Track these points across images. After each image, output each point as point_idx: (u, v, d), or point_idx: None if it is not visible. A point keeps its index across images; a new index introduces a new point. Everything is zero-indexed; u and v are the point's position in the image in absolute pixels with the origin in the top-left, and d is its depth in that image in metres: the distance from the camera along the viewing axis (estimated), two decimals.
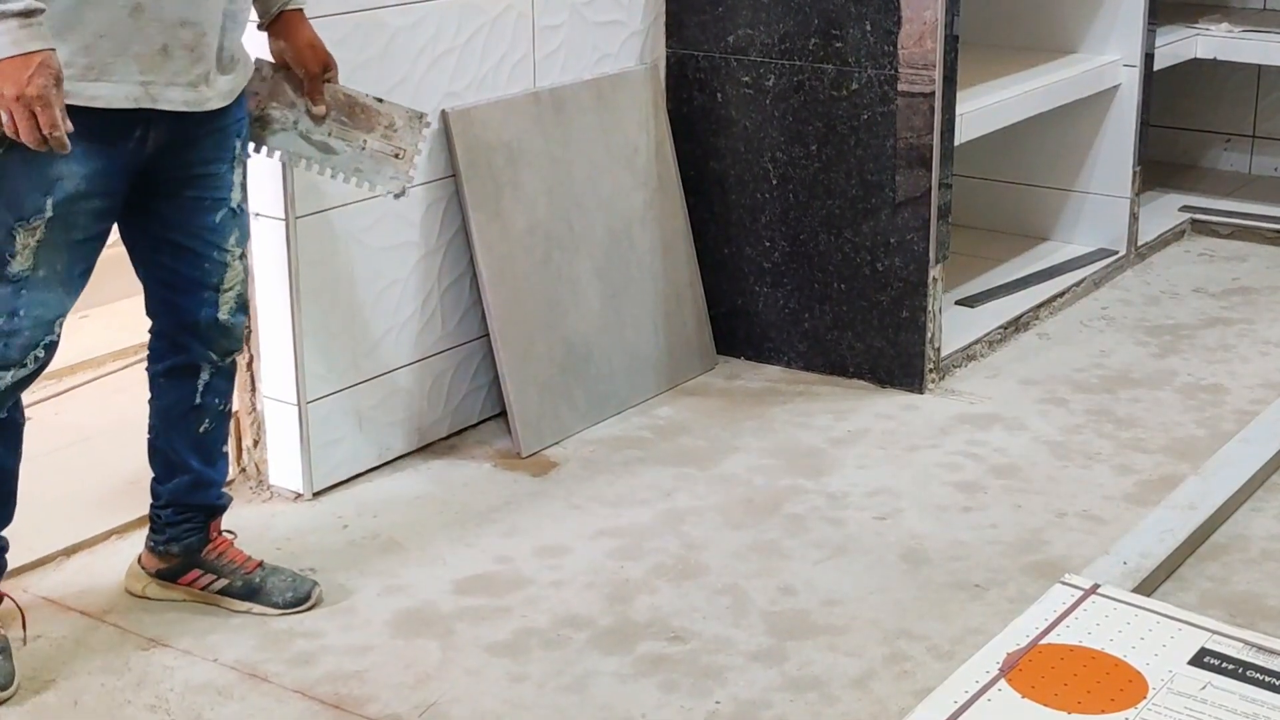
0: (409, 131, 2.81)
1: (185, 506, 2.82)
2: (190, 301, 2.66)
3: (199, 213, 2.62)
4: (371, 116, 2.79)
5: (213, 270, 2.65)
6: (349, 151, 2.79)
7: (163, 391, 2.77)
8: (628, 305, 3.70)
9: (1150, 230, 4.84)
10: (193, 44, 2.47)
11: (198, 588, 2.83)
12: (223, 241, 2.65)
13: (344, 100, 2.78)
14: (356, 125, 2.79)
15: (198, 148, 2.57)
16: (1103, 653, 2.43)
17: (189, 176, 2.59)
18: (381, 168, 2.81)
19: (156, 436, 2.80)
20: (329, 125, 2.77)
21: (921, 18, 3.58)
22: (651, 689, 2.58)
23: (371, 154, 2.80)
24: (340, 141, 2.78)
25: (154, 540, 2.84)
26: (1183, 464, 3.39)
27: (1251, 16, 5.19)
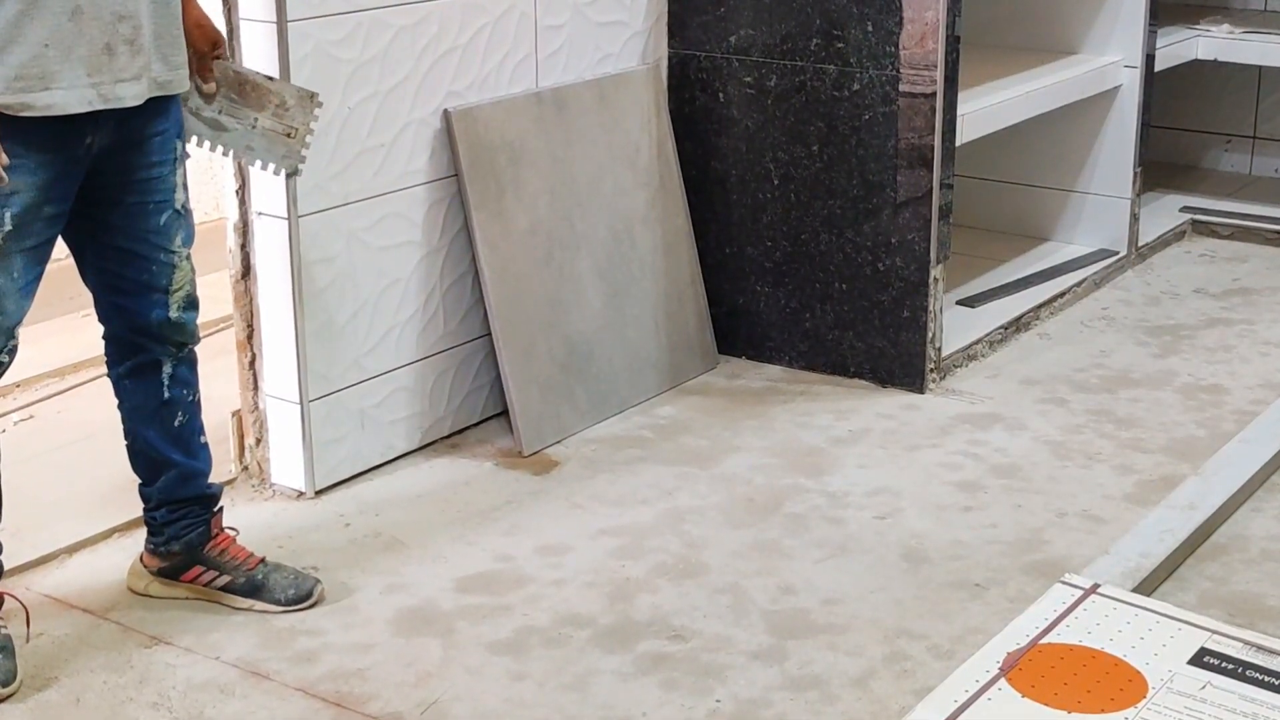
0: (300, 111, 2.81)
1: (178, 502, 2.82)
2: (140, 304, 2.67)
3: (144, 216, 2.62)
4: (263, 95, 2.79)
5: (160, 273, 2.66)
6: (239, 129, 2.79)
7: (129, 392, 2.78)
8: (629, 304, 3.71)
9: (1151, 231, 4.84)
10: (132, 37, 2.47)
11: (200, 584, 2.83)
12: (168, 244, 2.65)
13: (234, 78, 2.77)
14: (247, 103, 2.78)
15: (141, 151, 2.57)
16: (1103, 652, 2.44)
17: (132, 181, 2.59)
18: (273, 146, 2.82)
19: (134, 439, 2.80)
20: (219, 103, 2.77)
21: (923, 18, 3.58)
22: (652, 688, 2.59)
23: (263, 132, 2.80)
24: (230, 119, 2.78)
25: (153, 543, 2.85)
26: (1183, 464, 3.39)
27: (1252, 18, 5.20)
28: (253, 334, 3.21)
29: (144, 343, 2.72)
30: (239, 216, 3.16)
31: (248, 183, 3.13)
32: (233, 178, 3.13)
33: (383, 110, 3.23)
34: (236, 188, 3.14)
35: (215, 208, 4.37)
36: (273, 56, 3.02)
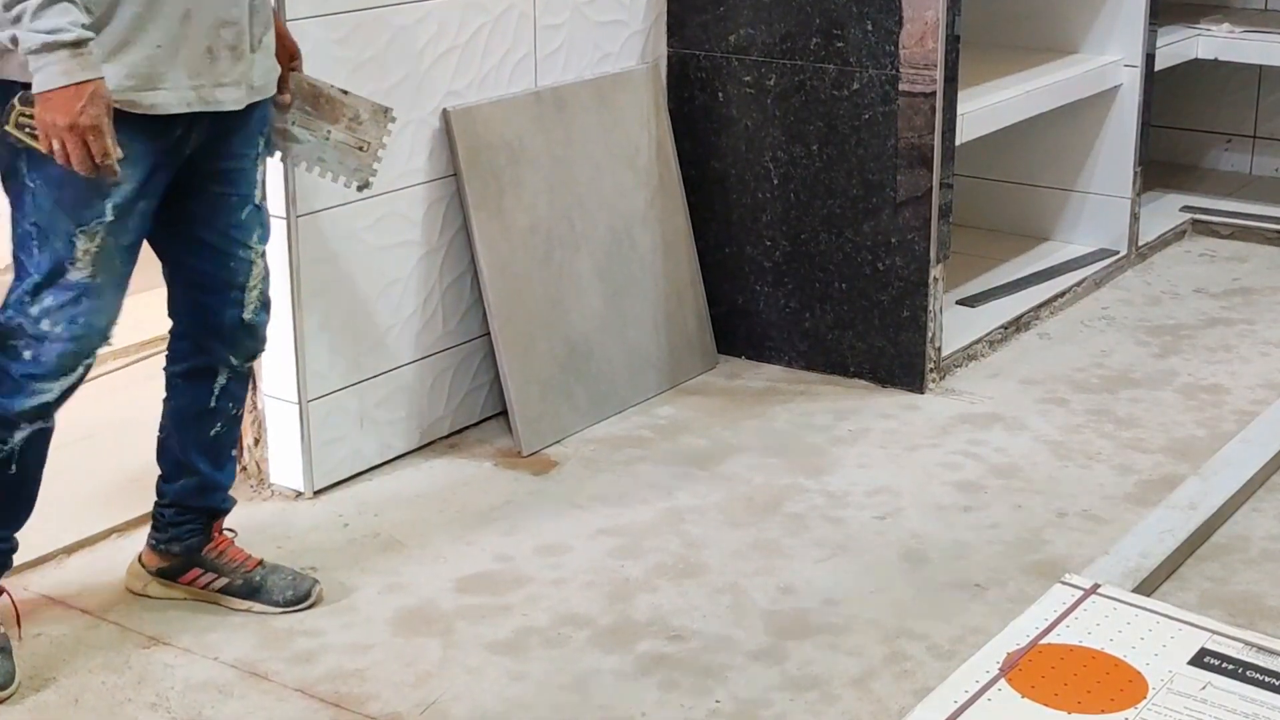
0: (374, 125, 2.82)
1: (189, 508, 2.82)
2: (217, 301, 2.68)
3: (226, 209, 2.63)
4: (336, 108, 2.80)
5: (238, 269, 2.67)
6: (312, 141, 2.80)
7: (178, 392, 2.78)
8: (629, 304, 3.71)
9: (1151, 230, 4.84)
10: (234, 43, 2.50)
11: (198, 586, 2.83)
12: (247, 238, 2.67)
13: (309, 90, 2.78)
14: (321, 115, 2.79)
15: (229, 143, 2.59)
16: (1103, 653, 2.44)
17: (218, 171, 2.61)
18: (345, 159, 2.82)
19: (167, 436, 2.81)
20: (293, 114, 2.78)
21: (923, 17, 3.58)
22: (652, 688, 2.59)
23: (335, 145, 2.81)
24: (303, 131, 2.79)
25: (155, 538, 2.84)
26: (1183, 464, 3.39)
27: (1252, 17, 5.20)
28: None
29: (212, 346, 2.72)
30: None
31: None
32: None
33: None
34: None
35: None
36: None
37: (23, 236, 2.45)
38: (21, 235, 2.45)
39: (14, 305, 2.47)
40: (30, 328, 2.46)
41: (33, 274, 2.45)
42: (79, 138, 2.31)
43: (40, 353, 2.47)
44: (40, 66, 2.29)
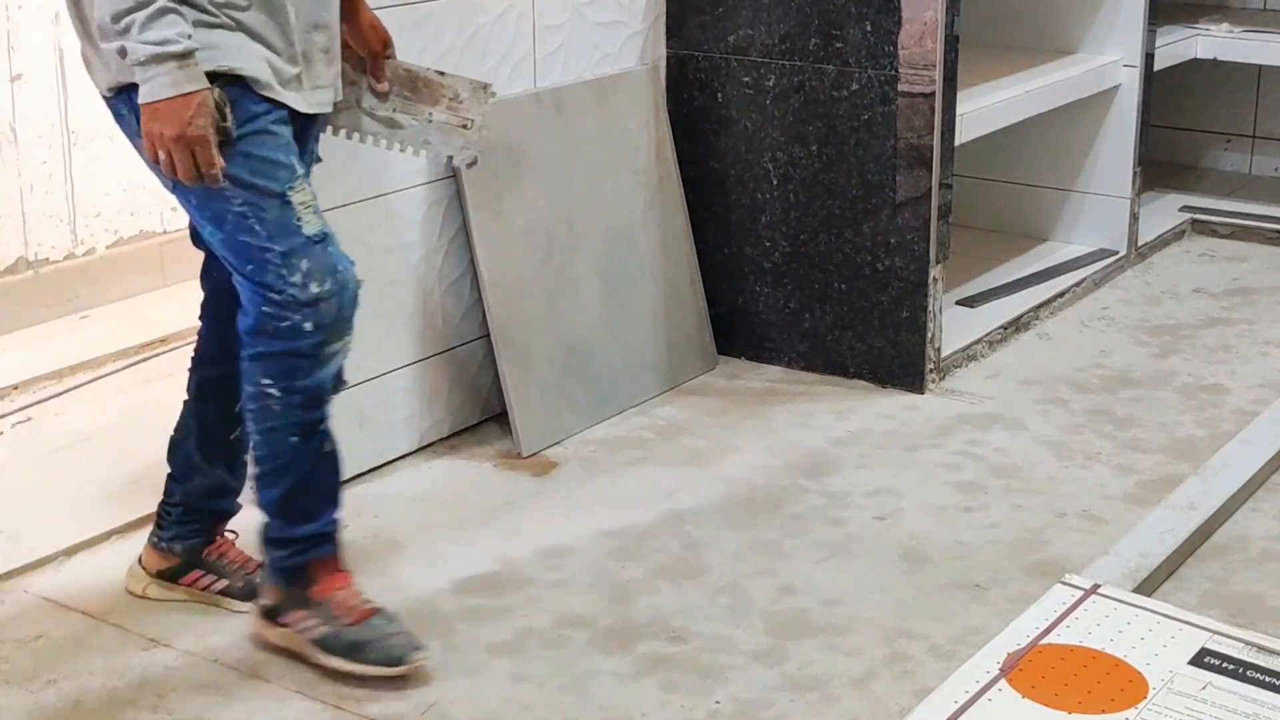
0: (474, 102, 2.82)
1: (197, 509, 2.81)
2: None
3: None
4: (435, 89, 2.80)
5: None
6: (415, 125, 2.80)
7: (206, 396, 2.76)
8: (628, 305, 3.71)
9: (1150, 230, 4.84)
10: (326, 46, 2.52)
11: (199, 588, 2.83)
12: None
13: (405, 75, 2.79)
14: (420, 99, 2.79)
15: (305, 147, 2.60)
16: (1103, 653, 2.44)
17: None
18: (450, 139, 2.81)
19: (185, 436, 2.79)
20: (393, 101, 2.78)
21: (922, 18, 3.58)
22: (652, 689, 2.58)
23: (439, 126, 2.81)
24: (405, 116, 2.79)
25: (158, 536, 2.84)
26: (1183, 464, 3.39)
27: (1252, 17, 5.20)
28: None
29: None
30: None
31: None
32: None
33: None
34: None
35: None
36: None
37: (236, 219, 2.43)
38: (234, 218, 2.43)
39: (274, 281, 2.44)
40: (301, 295, 2.44)
41: (270, 246, 2.43)
42: (187, 148, 2.32)
43: (319, 319, 2.46)
44: (148, 78, 2.29)
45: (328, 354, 2.50)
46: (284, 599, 2.64)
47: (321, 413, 2.56)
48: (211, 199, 2.43)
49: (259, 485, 2.61)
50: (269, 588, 2.66)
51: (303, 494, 2.59)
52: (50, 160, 4.07)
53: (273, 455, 2.56)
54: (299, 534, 2.60)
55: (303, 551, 2.61)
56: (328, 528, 2.63)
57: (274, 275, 2.44)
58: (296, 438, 2.54)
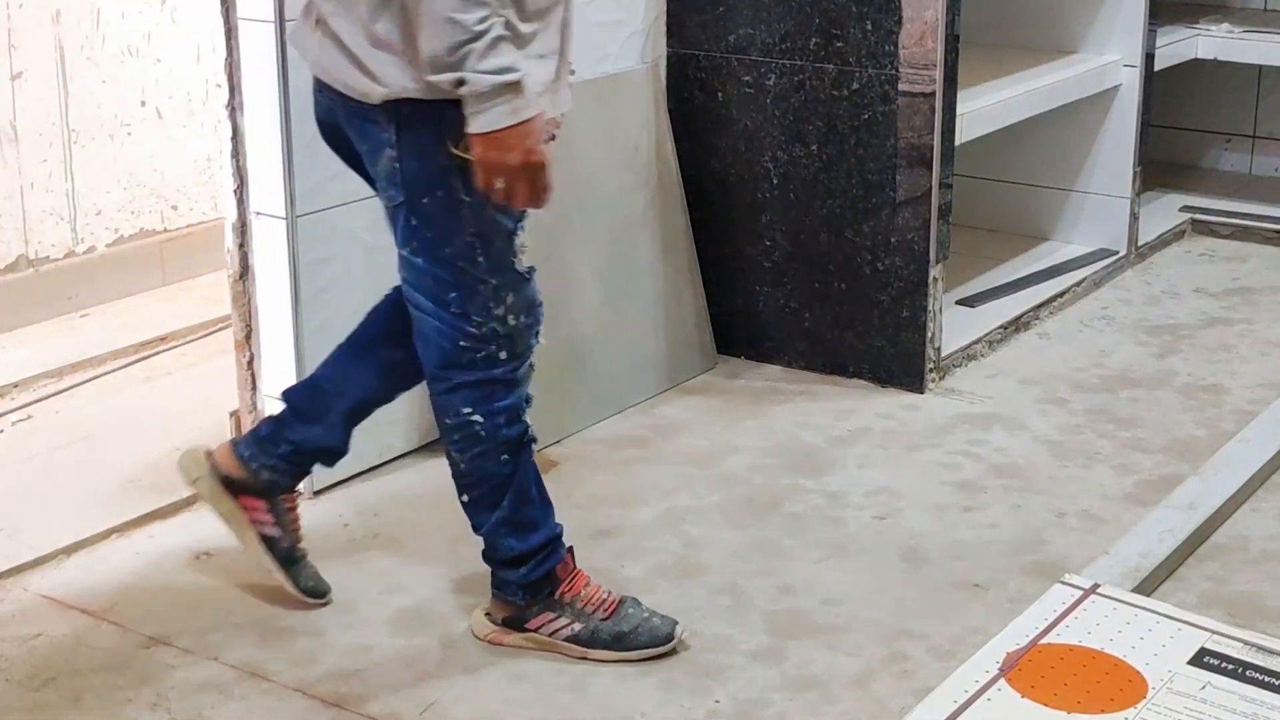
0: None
1: (304, 455, 2.78)
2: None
3: None
4: None
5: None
6: None
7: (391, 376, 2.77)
8: (628, 304, 3.70)
9: (1151, 230, 4.84)
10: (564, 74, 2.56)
11: (250, 518, 2.77)
12: None
13: None
14: None
15: None
16: (1102, 652, 2.44)
17: None
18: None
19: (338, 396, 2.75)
20: None
21: (922, 17, 3.58)
22: (651, 688, 2.58)
23: None
24: None
25: (250, 450, 2.76)
26: (1183, 464, 3.39)
27: (1252, 17, 5.19)
28: (251, 334, 3.21)
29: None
30: (237, 216, 3.15)
31: (246, 182, 3.12)
32: (231, 177, 3.13)
33: None
34: (235, 187, 3.13)
35: (213, 208, 4.38)
36: (272, 57, 3.01)
37: (461, 248, 2.46)
38: (461, 247, 2.46)
39: (480, 314, 2.49)
40: (501, 329, 2.50)
41: (486, 279, 2.47)
42: (529, 175, 2.35)
43: (514, 349, 2.53)
44: (486, 108, 2.30)
45: (519, 377, 2.57)
46: (529, 608, 2.65)
47: (524, 425, 2.61)
48: (445, 222, 2.44)
49: (477, 511, 2.63)
50: (505, 604, 2.67)
51: (526, 505, 2.62)
52: (50, 158, 4.08)
53: (487, 478, 2.59)
54: (533, 545, 2.63)
55: (542, 561, 2.64)
56: (556, 530, 2.67)
57: (479, 306, 2.48)
58: (507, 455, 2.58)
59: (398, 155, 2.41)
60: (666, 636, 2.65)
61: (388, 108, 2.40)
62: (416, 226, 2.47)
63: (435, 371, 2.54)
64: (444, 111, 2.35)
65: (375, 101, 2.40)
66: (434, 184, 2.42)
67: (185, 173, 4.39)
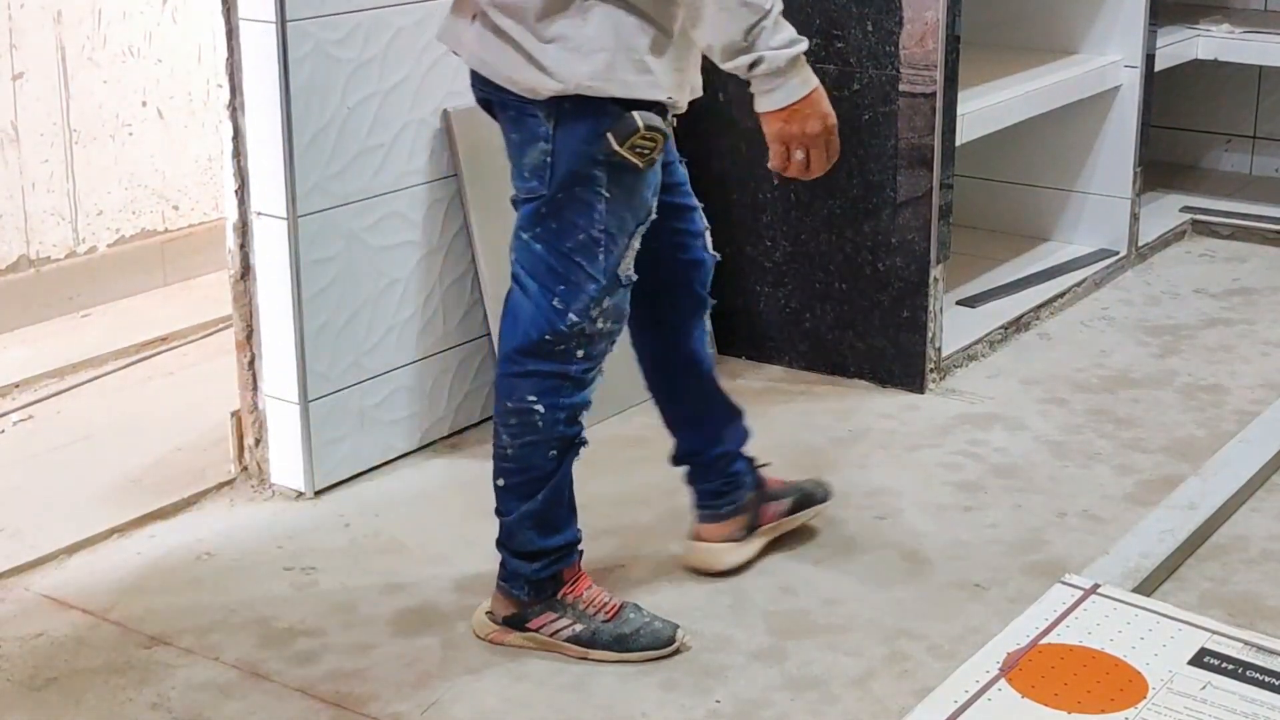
0: None
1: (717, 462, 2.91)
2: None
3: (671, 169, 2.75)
4: None
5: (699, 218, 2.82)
6: None
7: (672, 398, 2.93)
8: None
9: (1151, 231, 4.84)
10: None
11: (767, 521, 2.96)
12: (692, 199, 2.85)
13: None
14: None
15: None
16: (1103, 653, 2.44)
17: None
18: None
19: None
20: None
21: (923, 18, 3.58)
22: (652, 688, 2.59)
23: None
24: None
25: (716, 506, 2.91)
26: (1183, 464, 3.39)
27: (1252, 17, 5.20)
28: (252, 334, 3.21)
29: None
30: (238, 216, 3.15)
31: (247, 183, 3.13)
32: (232, 178, 3.13)
33: (383, 110, 3.23)
34: (236, 187, 3.14)
35: (215, 208, 4.38)
36: (273, 56, 3.02)
37: (586, 244, 2.48)
38: (584, 243, 2.48)
39: (579, 312, 2.51)
40: (589, 329, 2.53)
41: (597, 279, 2.51)
42: (829, 138, 2.40)
43: (591, 350, 2.56)
44: (779, 84, 2.37)
45: (590, 378, 2.59)
46: (531, 606, 2.66)
47: (580, 427, 2.62)
48: (576, 219, 2.47)
49: (509, 498, 2.63)
50: (507, 600, 2.67)
51: (557, 506, 2.64)
52: (52, 159, 4.08)
53: (530, 469, 2.60)
54: (552, 545, 2.64)
55: (555, 562, 2.65)
56: (575, 536, 2.69)
57: (582, 304, 2.51)
58: (555, 452, 2.60)
59: (551, 150, 2.44)
60: (668, 639, 2.65)
61: (548, 103, 2.43)
62: (546, 216, 2.49)
63: (512, 354, 2.56)
64: (605, 109, 2.41)
65: (542, 97, 2.42)
66: (579, 181, 2.46)
67: (186, 173, 4.40)
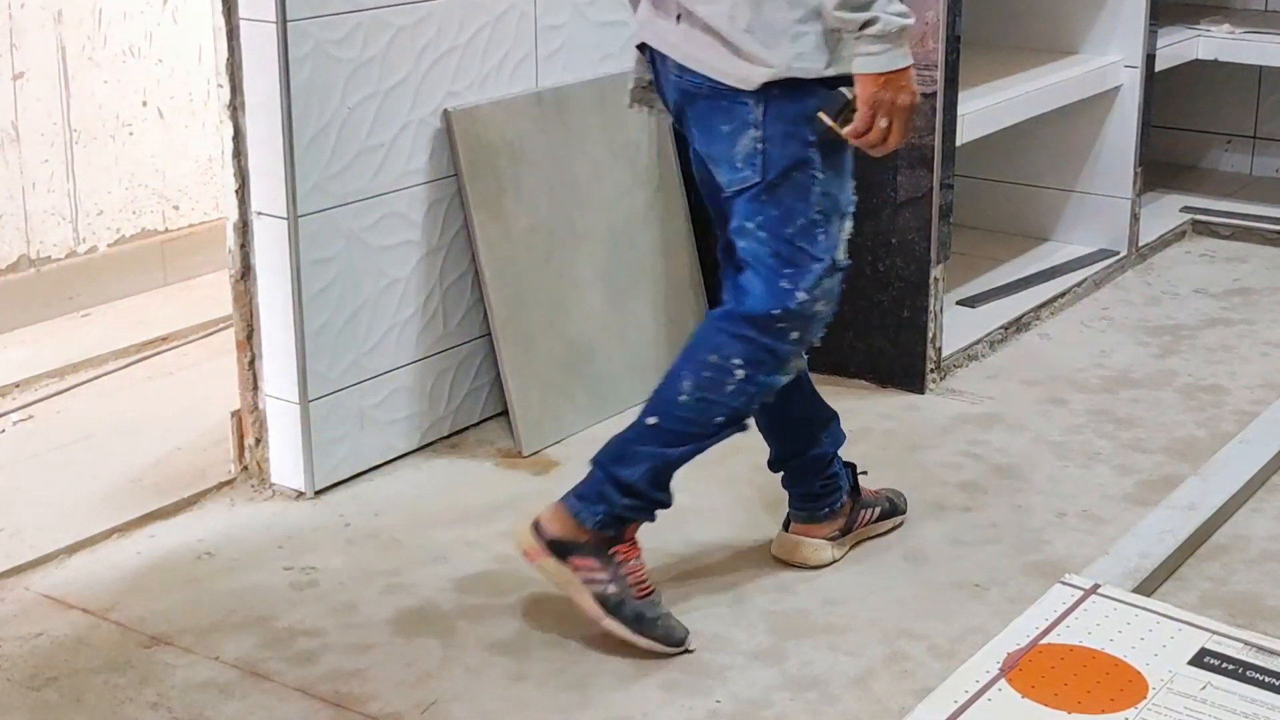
0: None
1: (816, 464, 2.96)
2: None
3: None
4: None
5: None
6: None
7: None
8: (629, 304, 3.71)
9: (1151, 231, 4.84)
10: None
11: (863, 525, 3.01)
12: None
13: None
14: None
15: None
16: (1103, 653, 2.44)
17: None
18: None
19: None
20: None
21: (923, 18, 3.58)
22: (652, 688, 2.59)
23: None
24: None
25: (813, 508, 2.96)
26: (1183, 464, 3.39)
27: (1253, 18, 5.20)
28: (252, 334, 3.21)
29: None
30: (239, 216, 3.15)
31: (247, 182, 3.13)
32: (232, 177, 3.13)
33: (383, 110, 3.23)
34: (236, 187, 3.14)
35: (215, 208, 4.38)
36: (273, 56, 3.02)
37: (806, 227, 2.57)
38: (804, 226, 2.57)
39: (807, 290, 2.59)
40: (808, 310, 2.60)
41: (822, 259, 2.59)
42: (910, 115, 2.50)
43: (805, 332, 2.63)
44: (886, 50, 2.45)
45: (791, 364, 2.66)
46: (585, 541, 2.65)
47: (756, 410, 2.71)
48: (794, 203, 2.55)
49: (650, 438, 2.66)
50: (568, 522, 2.66)
51: (681, 465, 2.69)
52: (52, 158, 4.08)
53: (692, 421, 2.64)
54: (651, 497, 2.68)
55: (640, 511, 2.68)
56: (668, 501, 2.72)
57: (808, 284, 2.58)
58: (723, 420, 2.65)
59: (762, 136, 2.52)
60: (679, 640, 2.66)
61: (758, 91, 2.51)
62: (766, 204, 2.57)
63: (736, 316, 2.62)
64: (813, 91, 2.50)
65: (754, 86, 2.50)
66: (793, 165, 2.54)
67: (187, 173, 4.40)
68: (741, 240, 2.62)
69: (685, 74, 2.60)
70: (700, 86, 2.58)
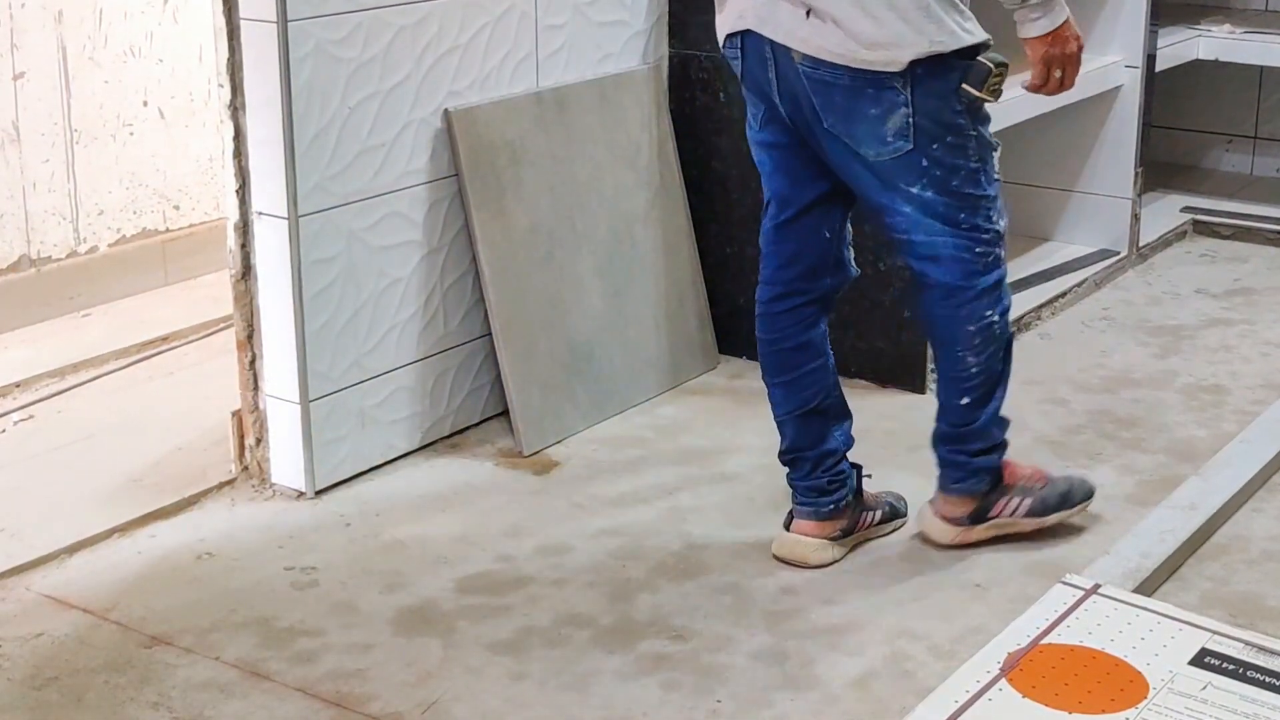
0: None
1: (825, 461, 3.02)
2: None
3: None
4: None
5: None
6: None
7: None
8: (630, 304, 3.71)
9: (1152, 231, 4.84)
10: None
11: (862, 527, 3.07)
12: None
13: None
14: None
15: None
16: (1103, 653, 2.44)
17: None
18: None
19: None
20: None
21: None
22: (653, 688, 2.59)
23: None
24: None
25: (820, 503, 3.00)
26: (1183, 464, 3.39)
27: (1253, 18, 5.20)
28: (253, 334, 3.21)
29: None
30: (239, 216, 3.15)
31: (248, 182, 3.13)
32: (233, 177, 3.13)
33: (383, 110, 3.23)
34: (237, 187, 3.14)
35: (215, 208, 4.38)
36: (273, 56, 3.02)
37: (969, 175, 2.81)
38: (967, 175, 2.81)
39: (986, 223, 2.84)
40: (1000, 228, 2.87)
41: (988, 192, 2.85)
42: (1078, 58, 2.82)
43: (1003, 249, 2.89)
44: (1050, 10, 2.81)
45: (1005, 277, 2.90)
46: (987, 498, 2.97)
47: (1010, 325, 2.93)
48: (954, 160, 2.78)
49: (973, 410, 2.91)
50: (965, 500, 2.97)
51: (1003, 401, 2.95)
52: (53, 158, 4.08)
53: (991, 377, 2.91)
54: (1001, 439, 2.98)
55: (1003, 450, 2.98)
56: (1006, 431, 2.99)
57: (984, 217, 2.84)
58: (1004, 352, 2.92)
59: (912, 111, 2.72)
60: (1091, 490, 3.06)
61: (903, 73, 2.69)
62: (927, 167, 2.77)
63: (960, 283, 2.83)
64: (952, 63, 2.74)
65: (900, 67, 2.69)
66: (946, 130, 2.76)
67: (187, 172, 4.40)
68: (906, 205, 2.79)
69: (821, 66, 2.72)
70: (839, 77, 2.71)
